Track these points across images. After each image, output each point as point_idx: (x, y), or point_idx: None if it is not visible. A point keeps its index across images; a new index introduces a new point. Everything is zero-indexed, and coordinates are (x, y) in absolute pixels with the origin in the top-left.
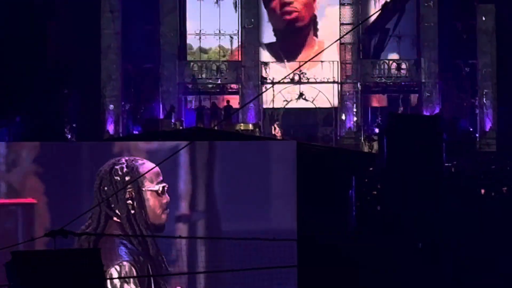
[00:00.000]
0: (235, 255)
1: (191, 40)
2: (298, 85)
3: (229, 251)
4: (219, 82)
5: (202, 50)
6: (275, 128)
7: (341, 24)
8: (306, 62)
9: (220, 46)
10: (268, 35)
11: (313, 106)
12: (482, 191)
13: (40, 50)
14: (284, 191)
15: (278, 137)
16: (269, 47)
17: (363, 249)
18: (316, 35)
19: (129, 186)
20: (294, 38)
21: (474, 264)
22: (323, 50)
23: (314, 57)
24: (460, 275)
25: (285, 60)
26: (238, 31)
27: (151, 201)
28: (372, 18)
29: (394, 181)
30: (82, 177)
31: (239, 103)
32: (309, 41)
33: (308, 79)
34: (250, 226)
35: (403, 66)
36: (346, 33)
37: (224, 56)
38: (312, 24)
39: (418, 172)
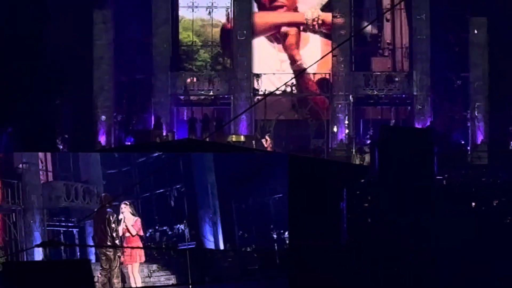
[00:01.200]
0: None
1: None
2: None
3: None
4: (211, 93)
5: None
6: (266, 140)
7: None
8: (297, 75)
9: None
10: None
11: (305, 118)
12: (473, 204)
13: (33, 60)
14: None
15: (269, 149)
16: None
17: (354, 260)
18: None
19: None
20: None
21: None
22: (316, 62)
23: (305, 70)
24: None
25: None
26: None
27: None
28: (365, 31)
29: (386, 193)
30: None
31: (231, 115)
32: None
33: (300, 91)
34: None
35: (395, 78)
36: (337, 46)
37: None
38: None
39: (410, 184)
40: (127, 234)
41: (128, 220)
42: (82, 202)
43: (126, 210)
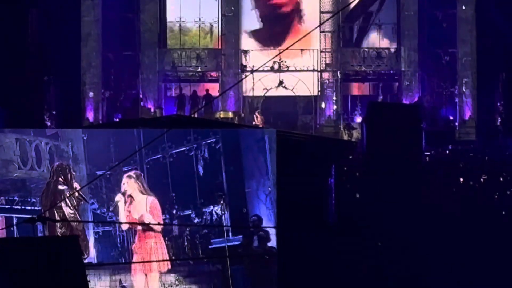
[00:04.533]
0: None
1: (172, 26)
2: (278, 73)
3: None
4: (199, 70)
5: (183, 33)
6: (257, 117)
7: (321, 12)
8: (285, 49)
9: (201, 28)
10: (253, 23)
11: (293, 94)
12: (461, 179)
13: (20, 37)
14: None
15: (260, 126)
16: (254, 34)
17: (342, 237)
18: (300, 23)
19: None
20: (279, 24)
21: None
22: (302, 38)
23: (292, 44)
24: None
25: (271, 47)
26: (218, 19)
27: None
28: (353, 6)
29: (374, 169)
30: None
31: (219, 91)
32: (293, 29)
33: (288, 67)
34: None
35: (383, 54)
36: (325, 21)
37: (205, 38)
38: (296, 12)
39: (398, 160)
40: (139, 227)
41: (138, 203)
42: (49, 171)
43: (131, 187)
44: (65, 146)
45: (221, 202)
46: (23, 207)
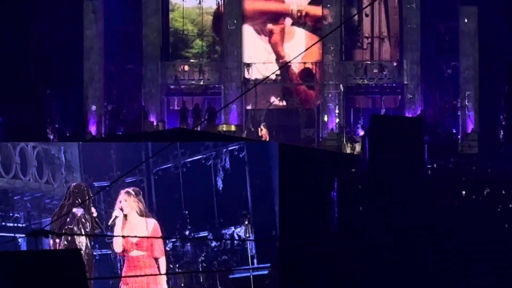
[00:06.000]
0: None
1: (175, 38)
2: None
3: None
4: (201, 83)
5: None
6: (261, 130)
7: (324, 25)
8: (288, 63)
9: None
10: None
11: (296, 107)
12: (464, 192)
13: (23, 50)
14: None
15: (264, 139)
16: None
17: (345, 250)
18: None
19: None
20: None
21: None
22: (305, 51)
23: (295, 57)
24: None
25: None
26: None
27: None
28: (355, 20)
29: (376, 183)
30: None
31: (221, 104)
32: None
33: (291, 80)
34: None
35: (385, 67)
36: (328, 34)
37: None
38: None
39: (400, 174)
40: (134, 253)
41: (134, 226)
42: (36, 181)
43: (130, 206)
44: (56, 150)
45: (245, 222)
46: (3, 223)
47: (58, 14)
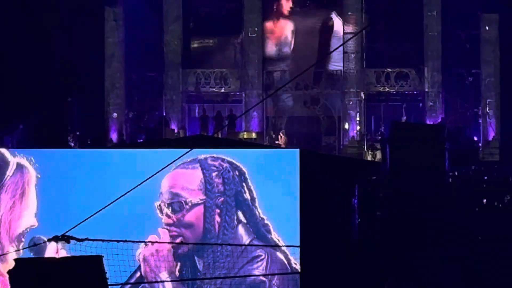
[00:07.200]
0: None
1: (196, 46)
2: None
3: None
4: (222, 90)
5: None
6: (281, 137)
7: (344, 33)
8: (306, 70)
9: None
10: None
11: (316, 115)
12: (485, 200)
13: (44, 58)
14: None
15: (283, 146)
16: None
17: (366, 257)
18: None
19: None
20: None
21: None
22: (324, 57)
23: (314, 64)
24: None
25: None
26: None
27: None
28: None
29: (397, 190)
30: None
31: (242, 111)
32: None
33: (312, 87)
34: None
35: (407, 75)
36: (347, 40)
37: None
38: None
39: (421, 181)
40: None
41: None
42: None
43: None
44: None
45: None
46: None
47: (80, 22)
